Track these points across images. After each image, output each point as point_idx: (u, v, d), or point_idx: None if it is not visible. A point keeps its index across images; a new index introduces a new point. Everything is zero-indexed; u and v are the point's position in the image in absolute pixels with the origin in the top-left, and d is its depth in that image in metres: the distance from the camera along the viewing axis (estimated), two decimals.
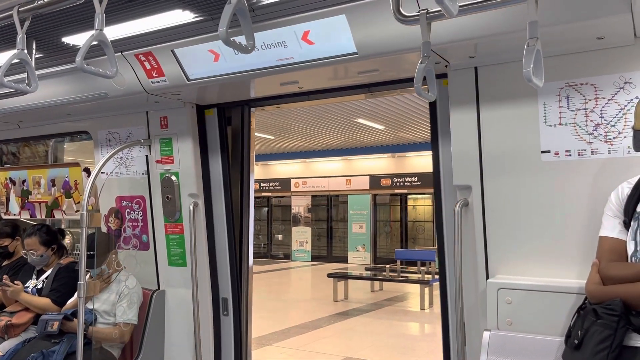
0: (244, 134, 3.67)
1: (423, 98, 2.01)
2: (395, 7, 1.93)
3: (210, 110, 3.63)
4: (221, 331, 3.66)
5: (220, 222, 3.66)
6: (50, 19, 2.57)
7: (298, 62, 2.64)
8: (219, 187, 3.65)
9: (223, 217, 3.65)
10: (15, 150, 5.46)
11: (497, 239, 2.57)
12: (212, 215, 3.67)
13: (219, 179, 3.65)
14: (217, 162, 3.64)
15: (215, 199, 3.67)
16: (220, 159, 3.62)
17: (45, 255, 3.87)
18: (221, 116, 3.62)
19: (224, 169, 3.62)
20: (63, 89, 3.38)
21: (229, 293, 3.63)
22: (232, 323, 3.63)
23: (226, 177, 3.62)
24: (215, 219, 3.68)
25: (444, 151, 2.85)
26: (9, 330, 3.61)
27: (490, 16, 2.11)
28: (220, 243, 3.67)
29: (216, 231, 3.67)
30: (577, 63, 2.36)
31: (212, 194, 3.66)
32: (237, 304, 3.63)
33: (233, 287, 3.62)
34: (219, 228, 3.67)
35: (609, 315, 1.83)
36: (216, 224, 3.68)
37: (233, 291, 3.62)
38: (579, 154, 2.37)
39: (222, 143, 3.61)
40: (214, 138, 3.63)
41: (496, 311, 2.44)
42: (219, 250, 3.68)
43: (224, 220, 3.64)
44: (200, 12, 2.51)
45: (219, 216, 3.67)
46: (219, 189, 3.65)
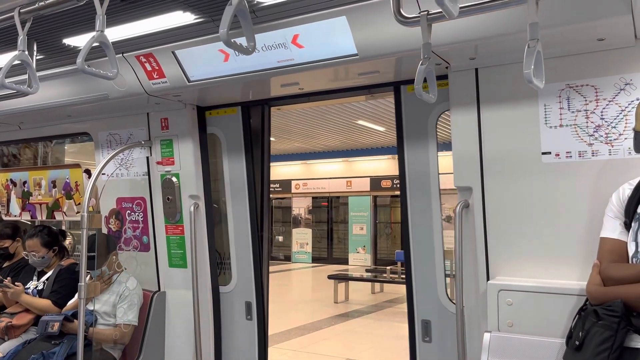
0: (264, 133, 3.60)
1: (424, 99, 2.01)
2: (395, 9, 1.93)
3: (223, 110, 3.55)
4: (244, 335, 3.55)
5: (242, 224, 3.55)
6: (51, 21, 2.57)
7: (298, 63, 2.64)
8: (241, 188, 3.56)
9: (246, 218, 3.54)
10: (16, 152, 5.46)
11: (498, 241, 2.57)
12: (213, 217, 3.68)
13: (242, 180, 3.56)
14: (240, 162, 3.55)
15: (235, 200, 3.58)
16: (244, 159, 3.53)
17: (47, 257, 3.87)
18: (245, 115, 3.54)
19: (248, 169, 3.53)
20: (64, 91, 3.39)
21: (252, 297, 3.54)
22: (256, 328, 3.53)
23: (250, 177, 3.54)
24: (234, 221, 3.59)
25: (409, 155, 2.98)
26: (10, 331, 3.61)
27: (490, 18, 2.11)
28: (241, 245, 3.57)
29: (236, 233, 3.58)
30: (577, 64, 2.36)
31: (232, 195, 3.58)
32: (261, 308, 3.54)
33: (257, 290, 3.53)
34: (240, 229, 3.56)
35: (609, 317, 1.83)
36: (236, 226, 3.59)
37: (257, 295, 3.53)
38: (580, 156, 2.37)
39: (246, 143, 3.53)
40: (237, 138, 3.54)
41: (497, 313, 2.44)
42: (239, 252, 3.58)
43: (247, 222, 3.54)
44: (201, 14, 2.51)
45: (240, 218, 3.57)
46: (240, 189, 3.56)
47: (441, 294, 2.98)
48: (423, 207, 3.00)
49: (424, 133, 2.96)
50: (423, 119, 2.95)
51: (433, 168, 2.95)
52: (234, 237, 3.63)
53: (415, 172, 2.99)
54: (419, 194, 3.00)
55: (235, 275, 3.62)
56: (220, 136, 3.63)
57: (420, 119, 2.96)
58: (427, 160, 2.95)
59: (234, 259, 3.63)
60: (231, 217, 3.64)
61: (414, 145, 2.98)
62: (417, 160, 2.98)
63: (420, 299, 3.03)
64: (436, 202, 2.97)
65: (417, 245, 3.03)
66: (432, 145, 2.94)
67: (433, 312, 2.99)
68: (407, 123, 3.00)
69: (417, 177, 2.98)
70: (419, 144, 2.97)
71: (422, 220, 3.01)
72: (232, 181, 3.61)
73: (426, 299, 3.01)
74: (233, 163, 3.59)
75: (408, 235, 3.03)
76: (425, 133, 2.95)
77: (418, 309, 3.03)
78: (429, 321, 2.99)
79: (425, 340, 3.01)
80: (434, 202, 2.97)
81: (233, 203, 3.62)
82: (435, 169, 2.95)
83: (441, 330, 2.96)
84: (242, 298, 3.59)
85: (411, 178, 3.00)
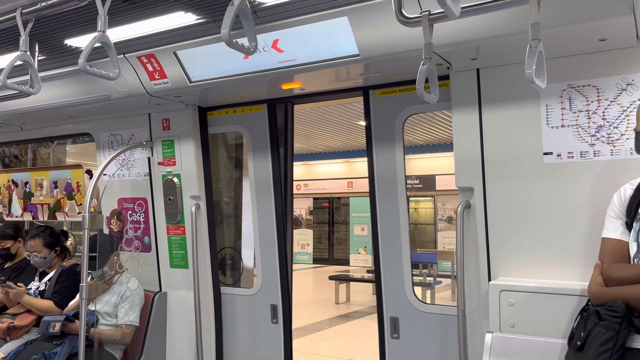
0: (288, 131, 3.55)
1: (425, 100, 2.01)
2: (397, 9, 1.93)
3: (248, 108, 3.47)
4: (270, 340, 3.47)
5: (267, 224, 3.46)
6: (53, 21, 2.58)
7: (300, 64, 2.64)
8: (266, 187, 3.46)
9: (271, 218, 3.46)
10: (17, 153, 5.47)
11: (499, 241, 2.57)
12: (214, 217, 3.68)
13: (267, 179, 3.47)
14: (265, 161, 3.46)
15: (261, 200, 3.49)
16: (270, 157, 3.45)
17: (48, 257, 3.87)
18: (271, 112, 3.46)
19: (274, 168, 3.45)
20: (65, 91, 3.39)
21: (278, 299, 3.45)
22: (282, 331, 3.46)
23: (276, 176, 3.46)
24: (259, 221, 3.51)
25: (377, 157, 3.09)
26: (11, 332, 3.62)
27: (492, 18, 2.11)
28: (266, 246, 3.48)
29: (260, 233, 3.50)
30: (579, 65, 2.36)
31: (257, 195, 3.49)
32: (287, 311, 3.46)
33: (283, 293, 3.45)
34: (265, 230, 3.48)
35: (611, 317, 1.83)
36: (260, 226, 3.50)
37: (283, 297, 3.44)
38: (582, 156, 2.37)
39: (272, 140, 3.45)
40: (262, 135, 3.46)
41: (498, 313, 2.43)
42: (264, 253, 3.49)
43: (272, 221, 3.46)
44: (202, 14, 2.52)
45: (265, 218, 3.48)
46: (266, 188, 3.46)
47: (408, 291, 3.08)
48: (391, 207, 3.12)
49: (391, 136, 3.07)
50: (390, 123, 3.07)
51: (400, 170, 3.07)
52: (259, 237, 3.54)
53: (384, 173, 3.10)
54: (387, 195, 3.12)
55: (260, 277, 3.52)
56: (244, 134, 3.55)
57: (388, 123, 3.08)
58: (394, 162, 3.07)
59: (258, 261, 3.54)
60: (256, 217, 3.54)
61: (382, 147, 3.10)
62: (385, 162, 3.09)
63: (389, 296, 3.13)
64: (403, 202, 3.09)
65: (385, 245, 3.14)
66: (399, 147, 3.07)
67: (401, 310, 3.10)
68: (375, 126, 3.11)
69: (385, 178, 3.10)
70: (387, 146, 3.09)
71: (390, 220, 3.12)
72: (257, 180, 3.51)
73: (394, 297, 3.11)
74: (258, 161, 3.49)
75: (377, 235, 3.15)
76: (392, 136, 3.07)
77: (387, 307, 3.13)
78: (397, 318, 3.09)
79: (394, 337, 3.11)
80: (401, 203, 3.09)
81: (258, 202, 3.52)
82: (402, 170, 3.07)
83: (409, 327, 3.06)
84: (267, 301, 3.49)
85: (379, 179, 3.12)
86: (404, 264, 3.08)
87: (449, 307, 3.00)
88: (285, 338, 3.47)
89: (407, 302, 3.07)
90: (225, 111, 3.60)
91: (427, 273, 11.74)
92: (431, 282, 10.33)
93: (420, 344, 3.02)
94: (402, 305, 3.09)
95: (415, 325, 3.04)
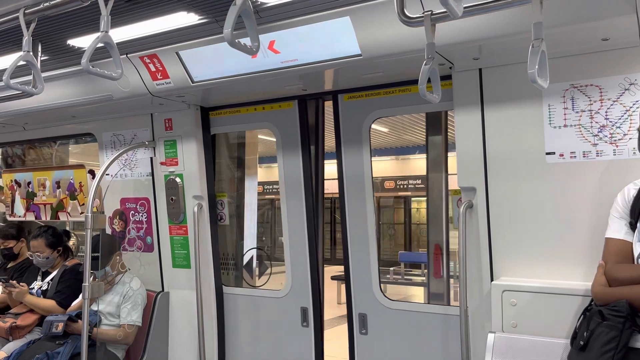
0: (319, 128, 3.49)
1: (427, 99, 2.00)
2: (399, 9, 1.93)
3: (277, 104, 3.39)
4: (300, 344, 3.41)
5: (298, 225, 3.38)
6: (55, 21, 2.58)
7: (302, 64, 2.64)
8: (296, 185, 3.37)
9: (302, 218, 3.36)
10: (20, 153, 5.48)
11: (502, 241, 2.56)
12: (217, 217, 3.68)
13: (298, 177, 3.37)
14: (296, 159, 3.36)
15: (290, 199, 3.41)
16: (300, 155, 3.35)
17: (51, 257, 3.88)
18: (302, 109, 3.36)
19: (305, 166, 3.36)
20: (68, 91, 3.39)
21: (309, 302, 3.38)
22: (312, 335, 3.37)
23: (307, 174, 3.36)
24: (289, 221, 3.43)
25: (346, 159, 3.19)
26: (14, 331, 3.63)
27: (494, 18, 2.11)
28: (297, 247, 3.40)
29: (290, 234, 3.42)
30: (581, 64, 2.35)
31: (286, 193, 3.41)
32: (318, 314, 3.37)
33: (314, 295, 3.36)
34: (296, 230, 3.40)
35: (615, 317, 1.83)
36: (290, 226, 3.42)
37: (314, 300, 3.35)
38: (584, 156, 2.37)
39: (303, 138, 3.36)
40: (293, 133, 3.37)
41: (501, 313, 2.43)
42: (295, 255, 3.41)
43: (303, 222, 3.37)
44: (204, 14, 2.52)
45: (296, 218, 3.39)
46: (296, 187, 3.37)
47: (376, 289, 3.16)
48: (359, 207, 3.19)
49: (358, 139, 3.15)
50: (358, 126, 3.15)
51: (367, 172, 3.15)
52: (289, 238, 3.44)
53: (352, 176, 3.18)
54: (356, 197, 3.19)
55: (290, 279, 3.44)
56: (274, 131, 3.46)
57: (356, 126, 3.15)
58: (362, 165, 3.15)
59: (288, 262, 3.44)
60: (285, 217, 3.45)
61: (351, 150, 3.18)
62: (354, 164, 3.17)
63: (357, 293, 3.21)
64: (370, 203, 3.16)
65: (354, 244, 3.22)
66: (367, 150, 3.15)
67: (369, 306, 3.18)
68: (344, 129, 3.20)
69: (354, 180, 3.18)
70: (355, 149, 3.16)
71: (358, 219, 3.20)
72: (287, 179, 3.41)
73: (363, 294, 3.20)
74: (288, 159, 3.40)
75: (346, 234, 3.23)
76: (360, 139, 3.15)
77: (355, 303, 3.21)
78: (365, 314, 3.18)
79: (362, 333, 3.20)
80: (369, 204, 3.16)
81: (288, 202, 3.43)
82: (369, 172, 3.15)
83: (377, 323, 3.15)
84: (297, 303, 3.40)
85: (348, 182, 3.20)
86: (372, 263, 3.17)
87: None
88: (317, 342, 3.37)
89: (374, 299, 3.16)
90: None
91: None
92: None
93: (388, 340, 3.13)
94: (370, 303, 3.18)
95: (384, 321, 3.14)
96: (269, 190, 20.26)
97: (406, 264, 13.42)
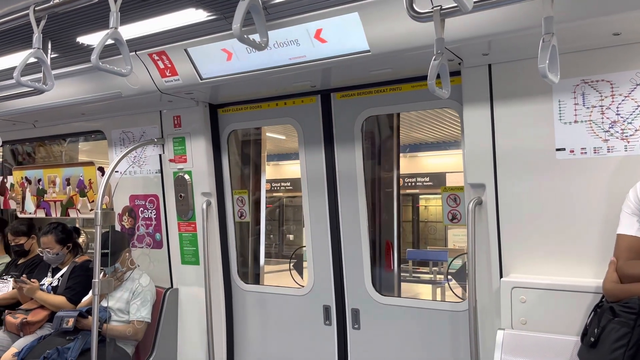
0: None
1: (436, 95, 1.99)
2: (408, 4, 1.91)
3: (300, 100, 3.34)
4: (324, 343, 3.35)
5: (320, 221, 3.32)
6: (65, 19, 2.59)
7: (310, 60, 2.64)
8: (319, 182, 3.30)
9: (325, 215, 3.29)
10: (30, 150, 5.52)
11: (511, 238, 2.55)
12: (225, 214, 3.68)
13: (321, 174, 3.30)
14: (318, 155, 3.30)
15: (313, 195, 3.33)
16: (323, 151, 3.29)
17: (61, 254, 3.90)
18: (325, 104, 3.27)
19: (327, 162, 3.27)
20: (78, 89, 3.41)
21: (331, 300, 3.31)
22: (335, 335, 3.32)
23: (330, 170, 3.28)
24: (311, 218, 3.38)
25: (339, 156, 3.23)
26: (25, 327, 3.66)
27: (504, 13, 2.09)
28: (319, 244, 3.34)
29: (313, 231, 3.37)
30: (592, 59, 2.33)
31: (309, 190, 3.35)
32: (341, 313, 3.30)
33: (337, 293, 3.31)
34: (318, 227, 3.33)
35: (626, 313, 1.81)
36: (313, 223, 3.37)
37: (337, 298, 3.30)
38: (595, 152, 2.35)
39: (326, 133, 3.27)
40: (315, 128, 3.30)
41: (510, 310, 2.42)
42: (317, 252, 3.36)
43: (326, 219, 3.29)
44: (213, 11, 2.52)
45: (318, 214, 3.32)
46: (319, 184, 3.30)
47: (368, 284, 3.19)
48: (351, 204, 3.21)
49: (351, 136, 3.19)
50: (350, 124, 3.17)
51: (359, 169, 3.18)
52: (311, 235, 3.40)
53: (344, 173, 3.22)
54: (348, 194, 3.22)
55: (312, 276, 3.39)
56: (296, 127, 3.41)
57: (348, 124, 3.18)
58: (354, 162, 3.18)
59: (310, 259, 3.40)
60: (307, 214, 3.40)
61: (343, 147, 3.21)
62: (346, 162, 3.20)
63: (349, 289, 3.25)
64: (362, 200, 3.17)
65: (346, 240, 3.24)
66: (359, 147, 3.18)
67: (361, 302, 3.21)
68: (337, 127, 3.24)
69: (346, 178, 3.21)
70: (347, 147, 3.19)
71: (350, 216, 3.22)
72: (310, 175, 3.35)
73: (355, 289, 3.23)
74: (311, 155, 3.34)
75: (339, 230, 3.26)
76: (352, 137, 3.19)
77: (348, 299, 3.25)
78: (358, 310, 3.22)
79: (355, 328, 3.23)
80: (361, 201, 3.18)
81: (310, 199, 3.36)
82: (361, 169, 3.18)
83: (368, 318, 3.19)
84: (320, 302, 3.36)
85: (341, 179, 3.23)
86: (364, 259, 3.20)
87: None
88: (340, 342, 3.32)
89: (367, 294, 3.20)
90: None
91: (438, 271, 11.69)
92: (442, 279, 10.30)
93: (380, 335, 3.16)
94: (362, 298, 3.21)
95: (375, 316, 3.18)
96: (276, 188, 20.30)
97: (414, 261, 13.40)
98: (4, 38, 2.83)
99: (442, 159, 14.81)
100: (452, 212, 3.02)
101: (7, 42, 2.92)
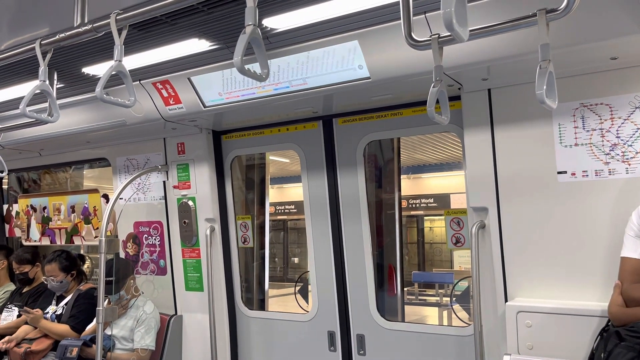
0: None
1: (436, 121, 2.00)
2: (406, 33, 1.94)
3: (302, 125, 3.38)
4: None
5: (324, 246, 3.32)
6: (70, 51, 2.64)
7: (312, 87, 2.67)
8: (321, 206, 3.32)
9: (328, 240, 3.30)
10: (36, 177, 5.56)
11: (516, 261, 2.54)
12: (229, 239, 3.69)
13: (323, 198, 3.31)
14: (321, 179, 3.32)
15: (316, 220, 3.34)
16: (325, 176, 3.31)
17: (65, 281, 3.90)
18: (326, 130, 3.31)
19: (330, 187, 3.30)
20: (83, 118, 3.46)
21: (336, 326, 3.30)
22: None
23: (332, 195, 3.30)
24: (314, 242, 3.37)
25: (342, 180, 3.27)
26: (29, 356, 3.64)
27: (502, 39, 2.12)
28: (323, 269, 3.34)
29: (316, 255, 3.36)
30: (591, 83, 2.35)
31: (311, 214, 3.38)
32: (346, 339, 3.28)
33: (341, 319, 3.29)
34: (321, 252, 3.33)
35: (632, 337, 1.79)
36: (316, 248, 3.35)
37: (342, 324, 3.28)
38: (597, 174, 2.35)
39: (328, 158, 3.31)
40: (317, 153, 3.33)
41: (516, 335, 2.40)
42: (320, 277, 3.34)
43: (329, 243, 3.30)
44: (215, 41, 2.56)
45: (321, 239, 3.33)
46: (321, 208, 3.32)
47: (373, 310, 3.17)
48: (355, 228, 3.21)
49: (353, 161, 3.22)
50: (352, 149, 3.23)
51: (362, 193, 3.21)
52: (314, 260, 3.39)
53: (348, 198, 3.23)
54: (351, 219, 3.23)
55: (317, 302, 3.38)
56: (298, 152, 3.46)
57: (350, 149, 3.22)
58: (357, 187, 3.21)
59: (314, 284, 3.40)
60: (310, 238, 3.41)
61: (345, 172, 3.24)
62: (349, 186, 3.23)
63: (354, 314, 3.23)
64: (366, 224, 3.18)
65: (350, 264, 3.24)
66: (361, 172, 3.21)
67: (366, 327, 3.19)
68: (339, 152, 3.28)
69: (349, 202, 3.22)
70: (349, 170, 3.22)
71: (354, 240, 3.22)
72: (312, 200, 3.39)
73: (360, 315, 3.21)
74: (313, 180, 3.38)
75: (342, 255, 3.26)
76: (354, 161, 3.22)
77: (353, 324, 3.23)
78: (363, 335, 3.19)
79: (360, 354, 3.21)
80: (364, 225, 3.18)
81: (313, 223, 3.39)
82: (364, 194, 3.21)
83: (374, 344, 3.16)
84: (324, 327, 3.34)
85: (344, 204, 3.25)
86: (369, 285, 3.19)
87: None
88: None
89: (372, 320, 3.18)
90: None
91: (444, 293, 11.57)
92: (448, 302, 10.19)
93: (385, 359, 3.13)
94: (367, 324, 3.19)
95: (380, 342, 3.16)
96: (280, 211, 20.26)
97: (419, 284, 13.28)
98: (10, 70, 2.88)
99: (446, 179, 14.79)
100: (456, 235, 3.02)
101: (13, 74, 2.97)
